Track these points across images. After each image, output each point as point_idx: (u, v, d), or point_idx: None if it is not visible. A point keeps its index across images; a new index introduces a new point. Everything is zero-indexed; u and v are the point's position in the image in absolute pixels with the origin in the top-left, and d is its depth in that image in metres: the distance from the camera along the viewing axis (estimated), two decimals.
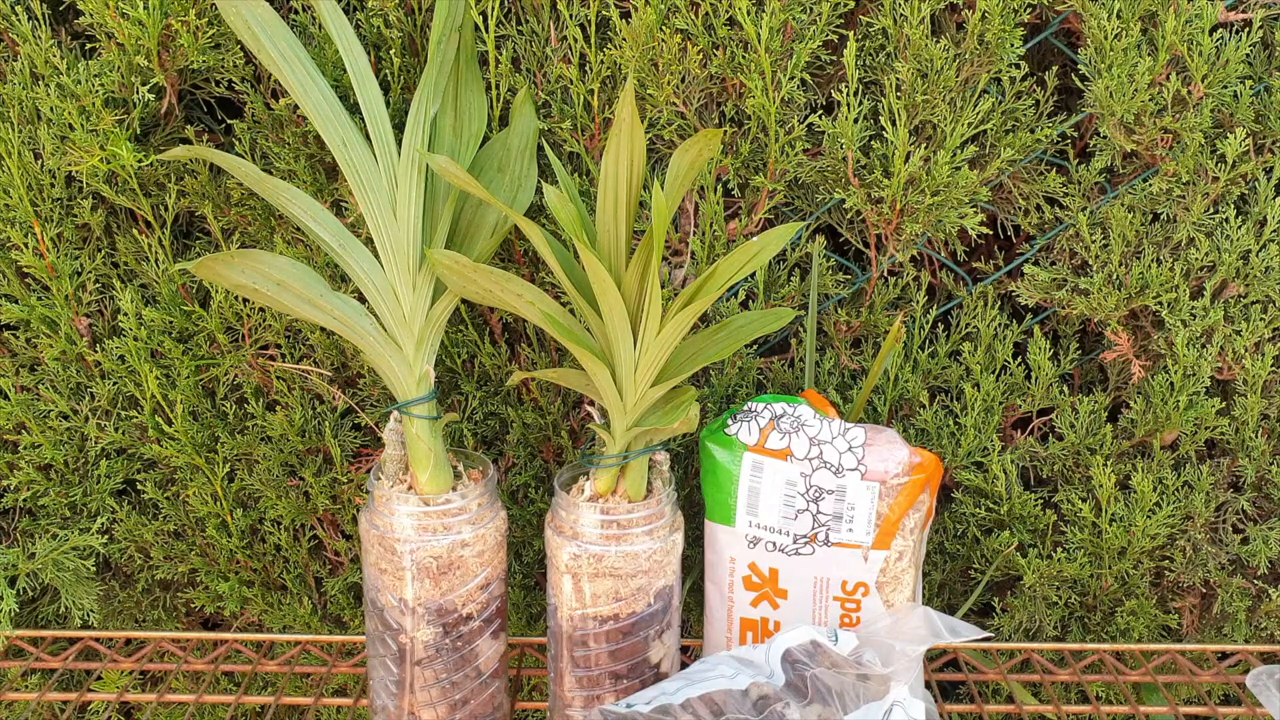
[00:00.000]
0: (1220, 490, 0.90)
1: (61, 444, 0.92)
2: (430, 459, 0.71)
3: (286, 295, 0.68)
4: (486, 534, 0.72)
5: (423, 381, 0.71)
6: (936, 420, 0.90)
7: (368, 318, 0.70)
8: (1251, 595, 0.92)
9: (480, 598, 0.73)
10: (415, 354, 0.70)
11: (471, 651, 0.74)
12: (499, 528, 0.74)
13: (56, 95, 0.81)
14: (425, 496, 0.71)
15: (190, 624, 1.03)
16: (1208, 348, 0.85)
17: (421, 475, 0.71)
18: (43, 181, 0.85)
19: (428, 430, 0.70)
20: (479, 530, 0.72)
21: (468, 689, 0.75)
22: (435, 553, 0.71)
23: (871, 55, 0.82)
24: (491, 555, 0.73)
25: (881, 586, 0.77)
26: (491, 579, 0.74)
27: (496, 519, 0.74)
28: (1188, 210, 0.84)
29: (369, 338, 0.69)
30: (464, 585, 0.72)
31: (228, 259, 0.66)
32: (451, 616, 0.72)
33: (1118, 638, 0.94)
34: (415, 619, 0.72)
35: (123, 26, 0.79)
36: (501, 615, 0.76)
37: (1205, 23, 0.77)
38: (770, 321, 0.75)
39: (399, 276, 0.69)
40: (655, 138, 0.85)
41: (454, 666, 0.74)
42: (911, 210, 0.82)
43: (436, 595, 0.71)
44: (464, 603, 0.72)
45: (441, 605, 0.72)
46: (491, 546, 0.73)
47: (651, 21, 0.78)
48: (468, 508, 0.72)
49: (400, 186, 0.68)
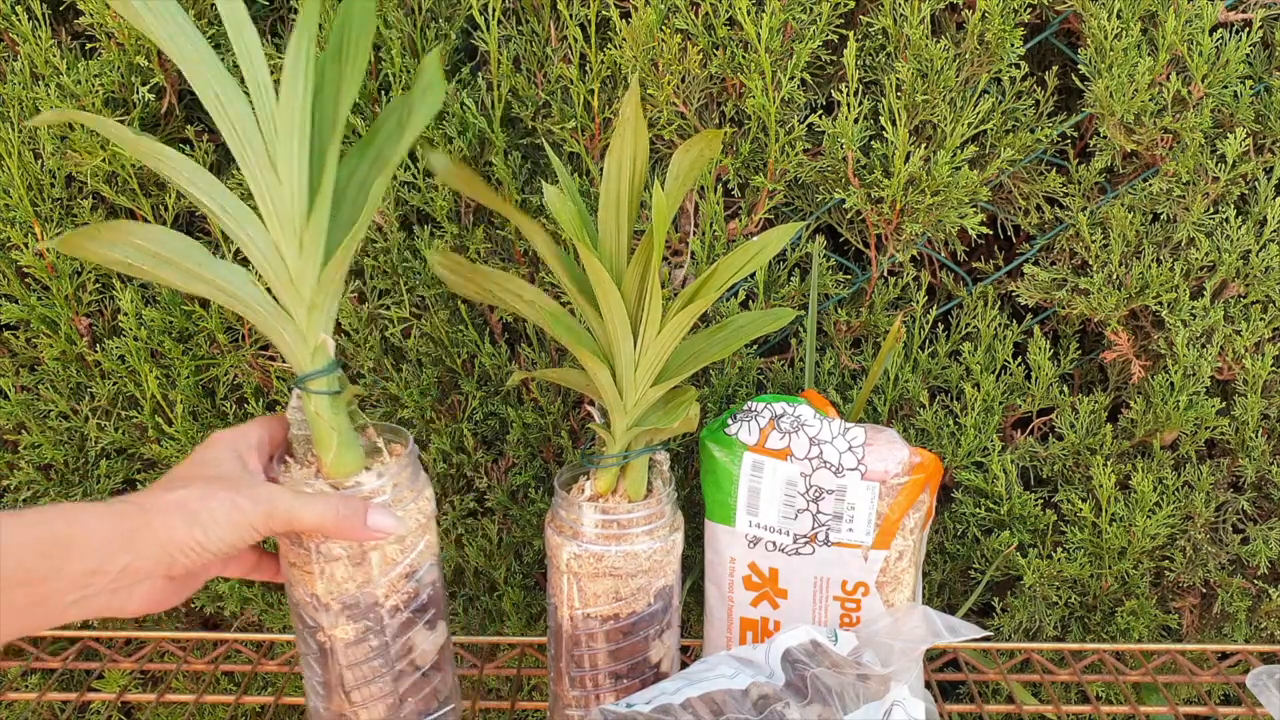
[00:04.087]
0: (1220, 490, 0.90)
1: (61, 444, 0.92)
2: (334, 438, 0.64)
3: (166, 269, 0.60)
4: (406, 517, 0.65)
5: (319, 353, 0.63)
6: (936, 420, 0.90)
7: (255, 286, 0.62)
8: (1251, 595, 0.92)
9: (406, 588, 0.66)
10: (308, 322, 0.62)
11: (404, 646, 0.67)
12: (423, 509, 0.67)
13: (57, 95, 0.81)
14: (333, 480, 0.64)
15: (190, 624, 1.03)
16: (1208, 348, 0.85)
17: (325, 456, 0.64)
18: (43, 181, 0.85)
19: (328, 406, 0.63)
20: (405, 505, 0.65)
21: (405, 685, 0.68)
22: (344, 542, 0.64)
23: (871, 55, 0.82)
24: (415, 540, 0.67)
25: (881, 586, 0.77)
26: (418, 566, 0.67)
27: (420, 499, 0.66)
28: (1188, 210, 0.84)
29: (257, 308, 0.62)
30: (384, 575, 0.65)
31: (93, 233, 0.59)
32: (374, 610, 0.66)
33: (1118, 638, 0.94)
34: (332, 615, 0.65)
35: (123, 26, 0.79)
36: (436, 604, 0.69)
37: (1205, 23, 0.77)
38: (770, 321, 0.75)
39: (283, 237, 0.61)
40: (655, 138, 0.85)
41: (384, 663, 0.67)
42: (911, 210, 0.82)
43: (352, 589, 0.65)
44: (386, 594, 0.66)
45: (359, 599, 0.65)
46: (414, 530, 0.66)
47: (651, 21, 0.78)
48: (382, 489, 0.65)
49: (280, 136, 0.60)
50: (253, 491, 0.59)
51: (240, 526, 0.57)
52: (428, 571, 0.68)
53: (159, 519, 0.56)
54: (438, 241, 0.85)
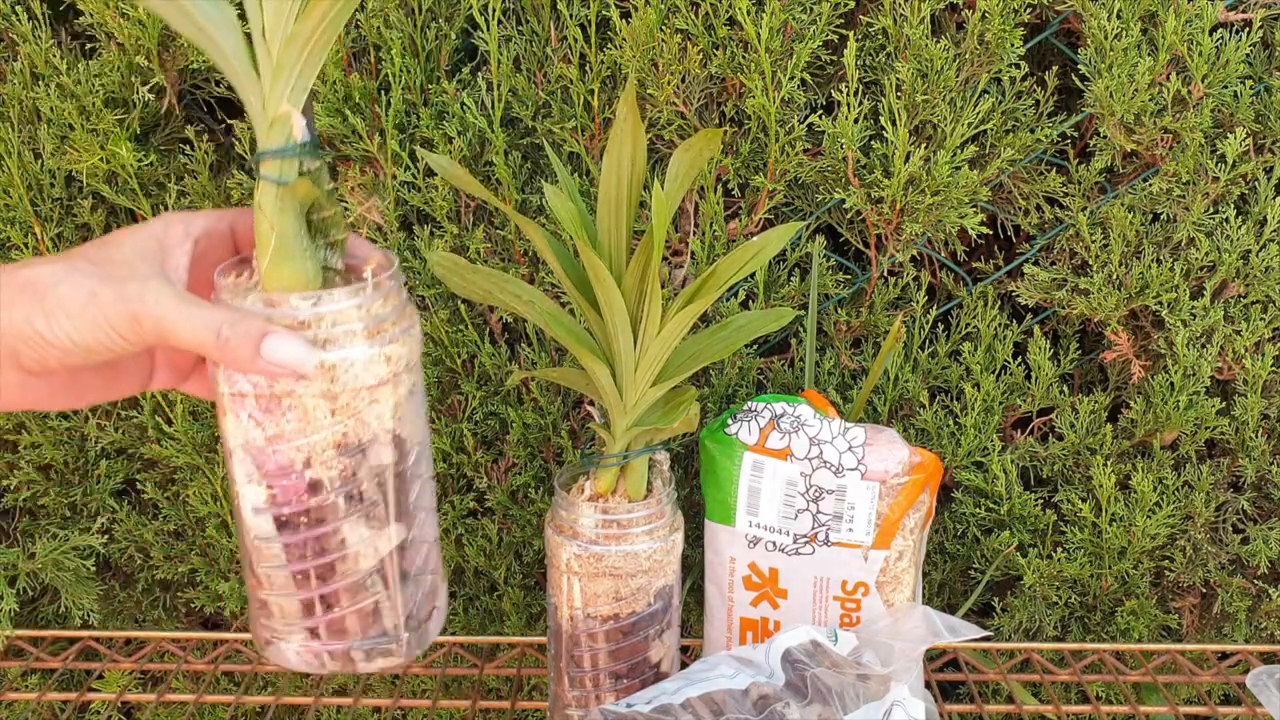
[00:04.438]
0: (1220, 490, 0.90)
1: (61, 444, 0.92)
2: (270, 240, 0.50)
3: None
4: (369, 358, 0.50)
5: (277, 126, 0.50)
6: (936, 420, 0.90)
7: (237, 33, 0.51)
8: (1251, 595, 0.92)
9: (337, 463, 0.50)
10: (271, 85, 0.50)
11: (320, 539, 0.52)
12: (389, 357, 0.51)
13: (56, 95, 0.81)
14: (266, 297, 0.50)
15: (190, 624, 1.03)
16: (1208, 348, 0.85)
17: (261, 264, 0.51)
18: (43, 181, 0.85)
19: (272, 198, 0.50)
20: (348, 352, 0.50)
21: (325, 589, 0.53)
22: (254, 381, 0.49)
23: (871, 55, 0.82)
24: (356, 401, 0.50)
25: (881, 586, 0.77)
26: (360, 437, 0.51)
27: (383, 345, 0.51)
28: (1188, 210, 0.84)
29: (233, 60, 0.51)
30: (301, 437, 0.50)
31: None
32: (285, 477, 0.51)
33: (1118, 638, 0.94)
34: (238, 467, 0.52)
35: (123, 26, 0.79)
36: (387, 496, 0.52)
37: (1205, 22, 0.77)
38: (770, 321, 0.75)
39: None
40: (655, 138, 0.84)
41: (285, 552, 0.52)
42: (911, 210, 0.82)
43: (259, 439, 0.50)
44: (305, 463, 0.50)
45: (268, 458, 0.51)
46: (353, 387, 0.50)
47: (652, 21, 0.78)
48: (320, 320, 0.49)
49: None
50: (123, 287, 0.47)
51: (97, 326, 0.46)
52: (378, 451, 0.52)
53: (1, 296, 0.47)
54: (437, 241, 0.85)
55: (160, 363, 0.55)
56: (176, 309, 0.47)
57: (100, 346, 0.47)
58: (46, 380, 0.50)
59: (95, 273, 0.47)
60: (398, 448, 0.52)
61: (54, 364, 0.47)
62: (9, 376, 0.48)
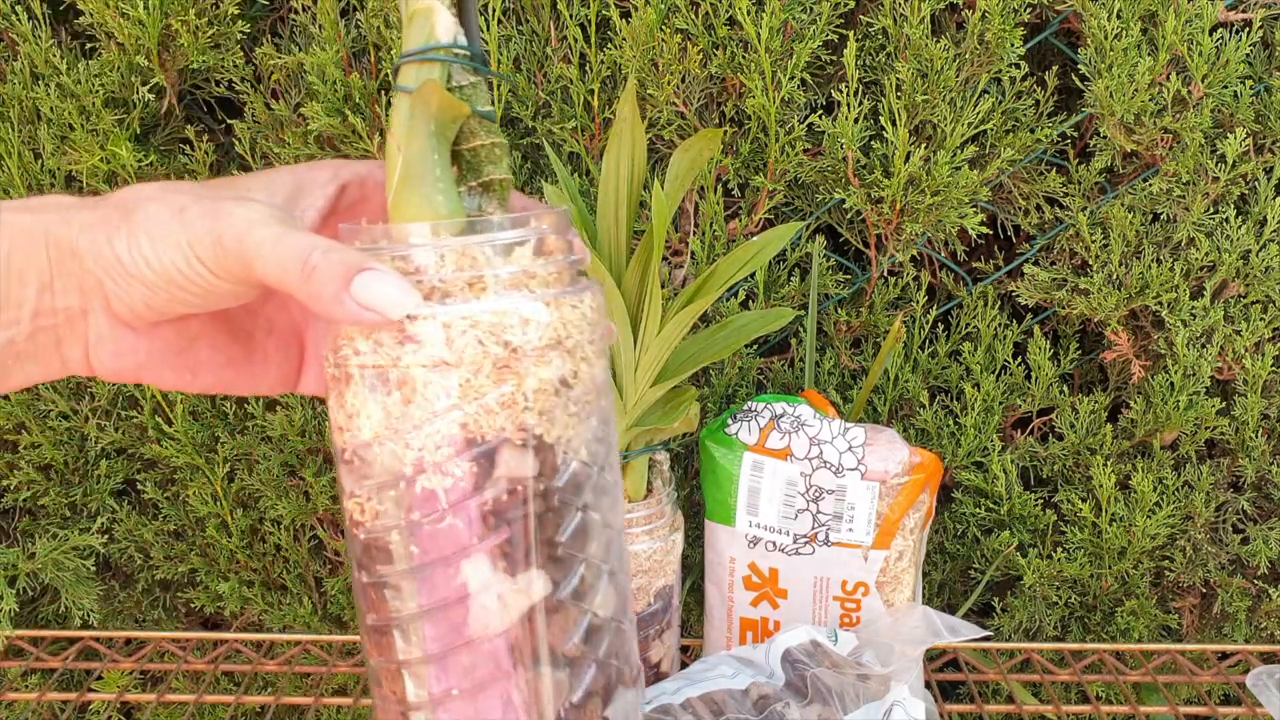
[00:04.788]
0: (1220, 490, 0.90)
1: (61, 444, 0.92)
2: (398, 161, 0.39)
3: None
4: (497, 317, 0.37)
5: (416, 21, 0.40)
6: (936, 420, 0.90)
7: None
8: (1251, 595, 0.92)
9: (456, 468, 0.37)
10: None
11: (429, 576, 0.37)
12: (553, 321, 0.38)
13: (56, 95, 0.81)
14: (392, 234, 0.38)
15: (190, 624, 1.03)
16: (1208, 348, 0.85)
17: (388, 194, 0.40)
18: (43, 181, 0.85)
19: (402, 112, 0.39)
20: (472, 307, 0.37)
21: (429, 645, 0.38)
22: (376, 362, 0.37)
23: (871, 55, 0.82)
24: (481, 375, 0.37)
25: (881, 586, 0.77)
26: (497, 434, 0.37)
27: (564, 302, 0.38)
28: (1188, 210, 0.84)
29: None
30: (417, 428, 0.37)
31: None
32: (393, 485, 0.37)
33: (1118, 638, 0.94)
34: (344, 469, 0.39)
35: (123, 26, 0.79)
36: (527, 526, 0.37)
37: (1205, 22, 0.77)
38: (770, 321, 0.75)
39: None
40: (655, 138, 0.84)
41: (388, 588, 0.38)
42: (911, 210, 0.82)
43: (366, 432, 0.38)
44: (416, 465, 0.37)
45: (375, 456, 0.38)
46: (499, 352, 0.37)
47: (652, 21, 0.78)
48: (441, 268, 0.37)
49: None
50: (216, 204, 0.38)
51: (176, 246, 0.37)
52: (511, 457, 0.37)
53: (84, 216, 0.38)
54: None
55: (311, 351, 0.45)
56: (265, 227, 0.37)
57: (180, 276, 0.38)
58: (146, 338, 0.40)
59: (195, 192, 0.39)
60: (540, 457, 0.37)
61: (141, 306, 0.39)
62: (100, 325, 0.39)
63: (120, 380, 0.41)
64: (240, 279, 0.38)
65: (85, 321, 0.39)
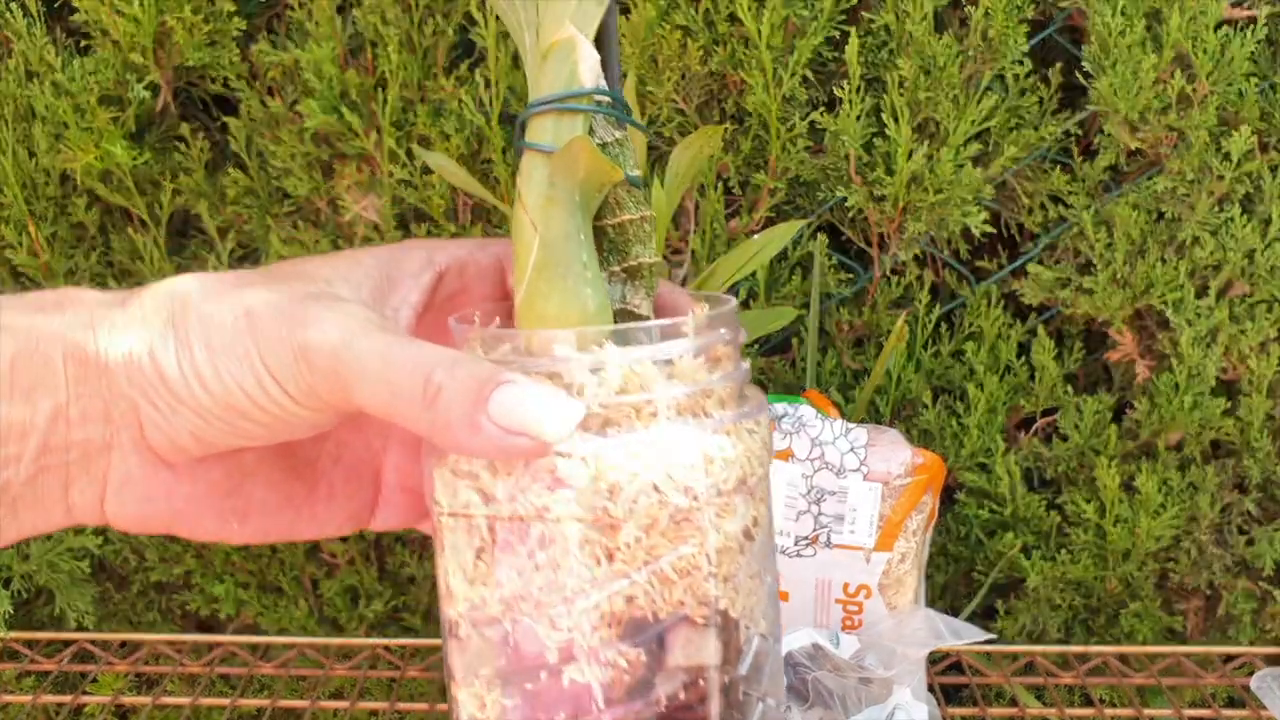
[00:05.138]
0: (1225, 491, 0.90)
1: None
2: (531, 247, 0.31)
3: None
4: (676, 454, 0.29)
5: (553, 58, 0.32)
6: (939, 421, 0.89)
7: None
8: (1257, 597, 0.91)
9: (617, 655, 0.30)
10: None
11: None
12: (739, 457, 0.31)
13: (51, 92, 0.80)
14: (528, 343, 0.31)
15: (185, 626, 1.03)
16: (1213, 347, 0.85)
17: (518, 286, 0.32)
18: (37, 180, 0.84)
19: (539, 179, 0.32)
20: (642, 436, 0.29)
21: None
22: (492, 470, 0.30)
23: (874, 51, 0.81)
24: (654, 533, 0.30)
25: (884, 589, 0.76)
26: (672, 609, 0.30)
27: (745, 429, 0.32)
28: (1193, 209, 0.83)
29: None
30: (559, 599, 0.30)
31: None
32: (534, 681, 0.30)
33: (1122, 640, 0.93)
34: (457, 645, 0.32)
35: (118, 23, 0.78)
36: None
37: (1210, 19, 0.77)
38: (771, 321, 0.75)
39: None
40: (655, 135, 0.84)
41: None
42: (914, 208, 0.82)
43: (494, 608, 0.31)
44: (565, 652, 0.30)
45: (514, 642, 0.31)
46: (681, 502, 0.29)
47: (651, 17, 0.77)
48: (600, 386, 0.30)
49: None
50: (296, 307, 0.30)
51: (244, 360, 0.29)
52: (689, 640, 0.30)
53: (114, 316, 0.30)
54: None
55: (390, 480, 0.36)
56: (369, 341, 0.29)
57: (247, 402, 0.29)
58: (187, 478, 0.32)
59: (264, 286, 0.30)
60: (725, 638, 0.30)
61: (186, 438, 0.30)
62: (129, 462, 0.31)
63: (145, 533, 0.32)
64: (330, 405, 0.30)
65: (107, 458, 0.31)
